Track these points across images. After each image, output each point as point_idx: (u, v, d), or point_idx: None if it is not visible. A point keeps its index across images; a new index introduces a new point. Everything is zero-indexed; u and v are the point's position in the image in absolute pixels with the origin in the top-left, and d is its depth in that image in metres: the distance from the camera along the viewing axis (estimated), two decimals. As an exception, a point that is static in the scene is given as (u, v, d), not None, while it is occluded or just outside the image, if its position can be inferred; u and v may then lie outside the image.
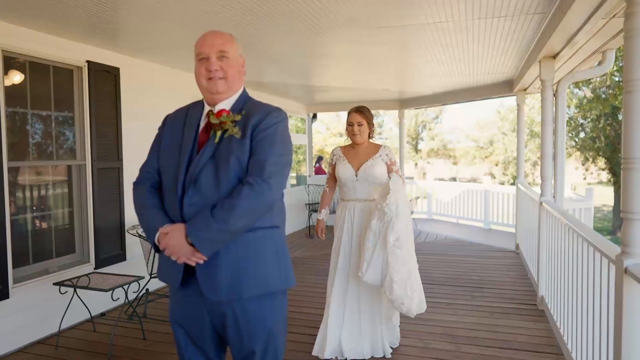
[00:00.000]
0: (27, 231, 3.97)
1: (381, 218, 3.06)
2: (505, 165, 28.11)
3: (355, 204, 3.42)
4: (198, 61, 1.83)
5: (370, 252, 3.07)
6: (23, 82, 3.90)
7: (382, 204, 3.04)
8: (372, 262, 3.04)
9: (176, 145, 1.84)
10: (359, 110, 3.42)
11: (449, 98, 8.12)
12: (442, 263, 6.28)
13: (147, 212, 1.80)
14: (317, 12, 3.40)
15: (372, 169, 3.36)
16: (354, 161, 3.42)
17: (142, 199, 1.85)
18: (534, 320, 4.11)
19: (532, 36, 4.20)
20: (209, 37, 1.84)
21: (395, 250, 3.00)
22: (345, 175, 3.39)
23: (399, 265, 2.98)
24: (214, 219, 1.64)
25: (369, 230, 3.11)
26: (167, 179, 1.83)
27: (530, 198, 5.47)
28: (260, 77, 6.24)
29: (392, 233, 3.01)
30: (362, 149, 3.45)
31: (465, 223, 10.22)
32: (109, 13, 3.39)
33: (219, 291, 1.74)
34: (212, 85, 1.81)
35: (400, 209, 3.02)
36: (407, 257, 3.04)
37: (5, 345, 3.58)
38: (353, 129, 3.41)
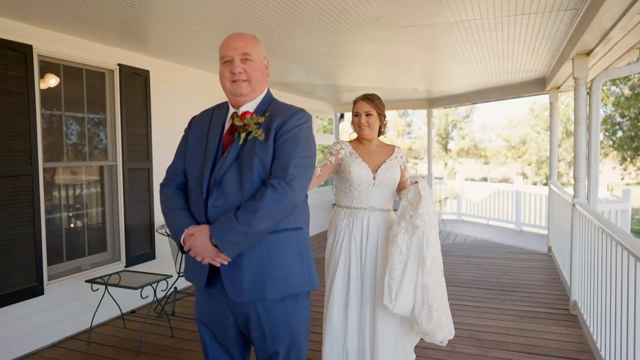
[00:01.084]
0: (61, 230, 4.11)
1: (409, 233, 2.48)
2: (538, 165, 27.40)
3: (370, 214, 2.74)
4: (222, 64, 1.85)
5: (399, 275, 2.46)
6: (58, 85, 4.03)
7: (412, 214, 2.47)
8: (403, 286, 2.43)
9: (201, 147, 1.86)
10: (367, 97, 2.80)
11: (479, 97, 7.97)
12: (471, 265, 6.17)
13: (173, 213, 1.82)
14: (342, 11, 3.38)
15: (392, 172, 2.78)
16: (369, 160, 2.79)
17: (169, 200, 1.87)
18: (566, 326, 3.99)
19: (564, 33, 4.07)
20: (232, 39, 1.85)
21: (433, 271, 2.45)
22: (360, 177, 2.71)
23: (438, 290, 2.45)
24: (238, 221, 1.66)
25: (394, 246, 2.49)
26: (192, 180, 1.85)
27: (562, 199, 5.31)
28: (285, 77, 6.27)
29: (429, 250, 2.44)
30: (374, 146, 2.86)
31: (496, 224, 10.01)
32: (139, 18, 3.47)
33: (243, 292, 1.76)
34: (235, 88, 1.83)
35: (433, 220, 2.48)
36: (441, 278, 2.54)
37: (40, 340, 3.71)
38: (360, 120, 2.78)
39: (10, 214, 3.48)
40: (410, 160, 30.83)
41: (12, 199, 3.49)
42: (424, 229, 2.44)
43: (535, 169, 27.60)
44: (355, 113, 2.82)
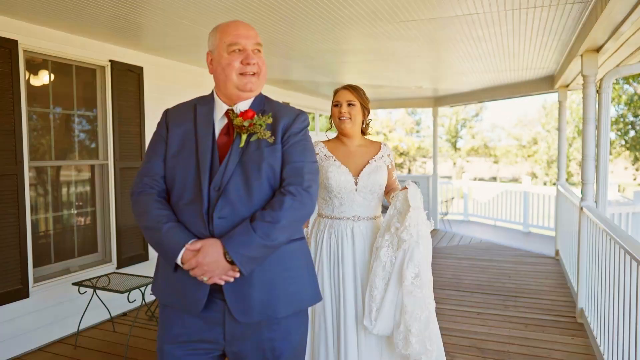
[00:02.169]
0: (49, 230, 4.00)
1: (394, 246, 2.18)
2: (548, 165, 27.01)
3: (354, 224, 2.38)
4: (229, 52, 1.59)
5: (381, 292, 2.18)
6: (46, 82, 3.92)
7: (398, 225, 2.18)
8: (384, 307, 2.16)
9: (190, 149, 1.60)
10: (350, 86, 2.45)
11: (486, 95, 7.77)
12: (475, 268, 5.99)
13: (162, 227, 1.53)
14: (338, 5, 3.23)
15: (376, 176, 2.39)
16: (349, 162, 2.41)
17: (151, 212, 1.56)
18: (572, 335, 3.81)
19: (572, 28, 3.88)
20: (244, 27, 1.63)
21: (414, 291, 2.13)
22: (340, 183, 2.36)
23: (418, 312, 2.13)
24: (257, 234, 1.48)
25: (377, 261, 2.20)
26: (184, 189, 1.58)
27: (570, 202, 5.12)
28: (287, 75, 6.13)
29: (410, 266, 2.12)
30: (355, 145, 2.47)
31: (503, 225, 9.81)
32: (130, 12, 3.35)
33: (252, 312, 1.55)
34: (246, 82, 1.60)
35: (422, 231, 2.16)
36: (427, 298, 2.18)
37: (25, 344, 3.61)
38: (340, 109, 2.41)
39: (-7, 215, 3.38)
40: (419, 158, 30.56)
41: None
42: (411, 243, 2.14)
43: (545, 169, 27.21)
44: (335, 103, 2.44)
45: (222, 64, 1.60)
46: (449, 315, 4.30)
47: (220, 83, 1.63)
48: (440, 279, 5.50)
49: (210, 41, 1.66)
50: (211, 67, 1.67)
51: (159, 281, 1.66)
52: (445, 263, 6.29)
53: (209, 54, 1.68)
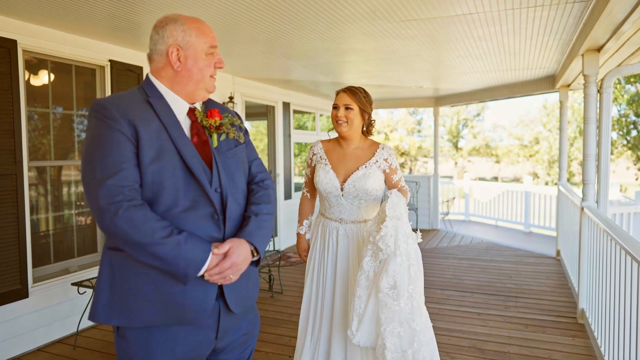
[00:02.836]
0: (48, 230, 4.00)
1: (376, 255, 2.15)
2: (550, 165, 26.94)
3: (339, 226, 2.46)
4: (208, 54, 1.58)
5: (363, 302, 2.14)
6: (45, 82, 3.92)
7: (375, 235, 2.15)
8: (366, 318, 2.11)
9: (171, 152, 1.48)
10: (349, 89, 2.45)
11: (487, 95, 7.75)
12: (475, 269, 5.97)
13: (177, 238, 1.41)
14: (336, 3, 3.22)
15: (363, 182, 2.38)
16: (340, 167, 2.45)
17: (155, 224, 1.40)
18: (573, 336, 3.79)
19: (573, 27, 3.86)
20: (210, 27, 1.63)
21: (389, 302, 2.05)
22: (326, 186, 2.42)
23: (393, 325, 2.04)
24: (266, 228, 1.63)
25: (360, 271, 2.17)
26: (177, 195, 1.48)
27: (571, 202, 5.10)
28: (286, 74, 6.12)
29: (385, 277, 2.07)
30: (352, 148, 2.49)
31: (505, 225, 9.79)
32: (128, 12, 3.34)
33: (243, 301, 1.63)
34: (213, 85, 1.63)
35: (400, 242, 2.11)
36: (407, 311, 2.07)
37: (24, 344, 3.61)
38: (337, 113, 2.42)
39: (-7, 215, 3.37)
40: (420, 158, 30.50)
41: (-5, 199, 3.39)
42: (388, 253, 2.11)
43: (546, 169, 27.15)
44: (334, 105, 2.47)
45: (199, 64, 1.56)
46: (449, 315, 4.29)
47: (189, 82, 1.56)
48: (441, 279, 5.49)
49: (178, 37, 1.53)
50: (179, 64, 1.54)
51: (134, 303, 1.46)
52: (445, 263, 6.28)
53: (178, 48, 1.53)
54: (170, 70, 1.56)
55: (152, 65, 1.60)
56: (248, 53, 4.74)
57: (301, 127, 8.60)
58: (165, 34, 1.54)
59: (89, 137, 1.46)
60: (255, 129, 8.01)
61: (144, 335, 1.49)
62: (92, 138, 1.44)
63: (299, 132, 8.12)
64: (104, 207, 1.37)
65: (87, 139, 1.46)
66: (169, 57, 1.54)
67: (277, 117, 7.32)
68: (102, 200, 1.37)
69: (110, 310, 1.47)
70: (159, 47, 1.55)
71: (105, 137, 1.42)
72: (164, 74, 1.57)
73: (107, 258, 1.50)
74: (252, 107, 6.96)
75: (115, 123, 1.42)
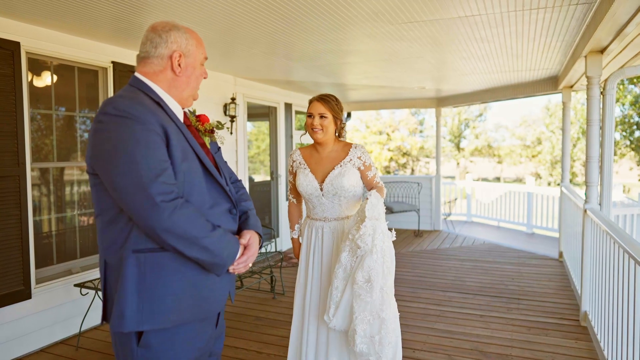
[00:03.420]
0: (51, 231, 4.01)
1: (354, 251, 2.35)
2: (552, 165, 26.88)
3: (324, 224, 2.65)
4: (201, 64, 1.69)
5: (340, 292, 2.38)
6: (48, 83, 3.93)
7: (354, 233, 2.34)
8: (342, 306, 2.36)
9: (191, 153, 1.57)
10: (322, 98, 2.61)
11: (489, 96, 7.73)
12: (477, 270, 5.96)
13: (218, 230, 1.53)
14: (338, 6, 3.22)
15: (340, 180, 2.56)
16: (318, 169, 2.64)
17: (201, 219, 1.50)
18: (576, 339, 3.78)
19: (576, 29, 3.85)
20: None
21: (362, 294, 2.28)
22: (307, 189, 2.62)
23: (365, 314, 2.29)
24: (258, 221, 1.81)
25: (338, 264, 2.39)
26: (203, 193, 1.57)
27: (574, 204, 5.08)
28: (288, 75, 6.12)
29: (360, 271, 2.28)
30: (327, 152, 2.66)
31: (507, 226, 9.77)
32: (130, 14, 3.35)
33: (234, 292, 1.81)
34: (197, 92, 1.77)
35: (377, 240, 2.31)
36: (378, 303, 2.31)
37: (27, 345, 3.61)
38: (313, 121, 2.59)
39: (-5, 216, 3.38)
40: (422, 159, 30.47)
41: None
42: (365, 250, 2.30)
43: (549, 169, 27.09)
44: (309, 114, 2.64)
45: (196, 73, 1.66)
46: (451, 317, 4.28)
47: (186, 87, 1.64)
48: (443, 281, 5.48)
49: (182, 44, 1.60)
50: (179, 69, 1.60)
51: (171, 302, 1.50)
52: (447, 264, 6.27)
53: (181, 55, 1.59)
54: (169, 75, 1.60)
55: (147, 68, 1.59)
56: (250, 54, 4.74)
57: (303, 127, 8.59)
58: (170, 38, 1.59)
59: (117, 139, 1.42)
60: (257, 130, 8.01)
61: (169, 335, 1.52)
62: (125, 140, 1.41)
63: (301, 132, 8.10)
64: (161, 204, 1.40)
65: (116, 141, 1.42)
66: (172, 61, 1.59)
67: (279, 118, 7.32)
68: (158, 198, 1.40)
69: (141, 315, 1.46)
70: (161, 50, 1.58)
71: (144, 138, 1.42)
72: (162, 77, 1.60)
73: (132, 261, 1.46)
74: (254, 108, 6.96)
75: (149, 124, 1.44)
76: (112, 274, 1.51)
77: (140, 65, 1.61)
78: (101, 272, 1.56)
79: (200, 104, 5.40)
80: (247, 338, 3.88)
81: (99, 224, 1.55)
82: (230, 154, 6.08)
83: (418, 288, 5.21)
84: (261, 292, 5.12)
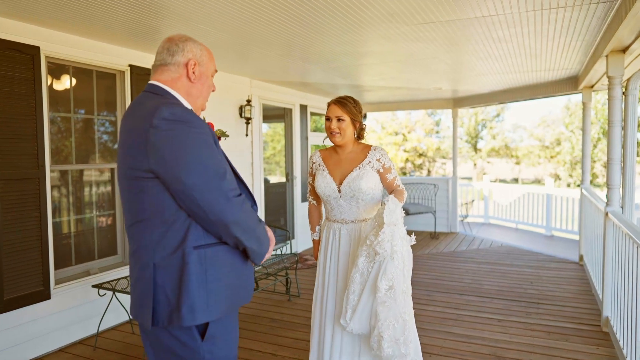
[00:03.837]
0: (69, 233, 4.07)
1: (371, 257, 2.35)
2: (572, 166, 26.41)
3: (341, 226, 2.64)
4: (212, 77, 1.80)
5: (356, 297, 2.38)
6: (67, 87, 3.99)
7: (372, 239, 2.33)
8: (358, 310, 2.37)
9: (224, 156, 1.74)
10: (339, 101, 2.58)
11: (507, 96, 7.62)
12: (495, 273, 5.88)
13: (263, 224, 1.76)
14: (354, 8, 3.20)
15: (358, 182, 2.54)
16: (336, 171, 2.63)
17: (255, 213, 1.72)
18: (597, 345, 3.70)
19: (597, 28, 3.77)
20: None
21: (387, 301, 2.30)
22: (325, 190, 2.61)
23: (390, 319, 2.31)
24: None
25: (355, 268, 2.39)
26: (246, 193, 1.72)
27: (595, 207, 4.97)
28: (304, 77, 6.12)
29: (384, 279, 2.29)
30: (346, 153, 2.65)
31: (525, 229, 9.62)
32: (147, 18, 3.38)
33: None
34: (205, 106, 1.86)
35: (397, 247, 2.31)
36: (401, 306, 2.33)
37: (45, 345, 3.67)
38: (330, 125, 2.58)
39: (16, 218, 3.44)
40: (439, 159, 30.20)
41: (19, 203, 3.45)
42: (385, 256, 2.29)
43: (569, 170, 26.62)
44: (327, 117, 2.62)
45: (208, 83, 1.75)
46: (468, 322, 4.22)
47: (199, 96, 1.74)
48: (460, 284, 5.41)
49: (197, 54, 1.70)
50: (194, 76, 1.69)
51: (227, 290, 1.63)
52: (464, 267, 6.20)
53: (195, 63, 1.69)
54: (185, 82, 1.69)
55: (165, 75, 1.67)
56: (265, 56, 4.75)
57: (319, 129, 8.58)
58: (186, 48, 1.68)
59: (183, 142, 1.51)
60: (272, 131, 8.03)
61: (223, 325, 1.65)
62: (191, 143, 1.52)
63: (317, 134, 8.11)
64: (233, 199, 1.57)
65: (182, 144, 1.51)
66: (187, 68, 1.67)
67: (294, 119, 7.33)
68: (230, 193, 1.56)
69: (207, 307, 1.57)
70: (178, 58, 1.67)
71: (205, 141, 1.56)
72: (179, 85, 1.69)
73: (194, 257, 1.55)
74: (270, 109, 6.98)
75: (204, 128, 1.58)
76: (164, 274, 1.55)
77: (157, 74, 1.68)
78: (146, 276, 1.56)
79: (216, 107, 5.43)
80: (261, 340, 3.89)
81: (143, 228, 1.57)
82: (246, 156, 6.10)
83: (434, 291, 5.16)
84: (276, 294, 5.12)
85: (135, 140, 1.54)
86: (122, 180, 1.63)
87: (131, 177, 1.56)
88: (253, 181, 6.22)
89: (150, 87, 1.67)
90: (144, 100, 1.63)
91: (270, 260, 4.94)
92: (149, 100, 1.60)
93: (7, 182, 3.37)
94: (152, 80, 1.68)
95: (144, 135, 1.50)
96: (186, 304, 1.53)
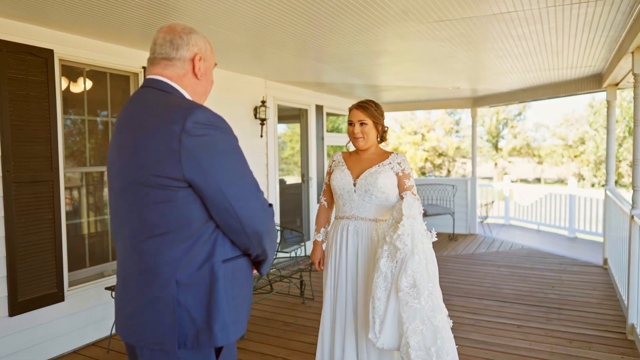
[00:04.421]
0: (83, 235, 4.08)
1: (392, 255, 2.18)
2: (596, 166, 25.77)
3: (349, 222, 2.59)
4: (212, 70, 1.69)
5: (384, 304, 2.17)
6: (81, 89, 4.00)
7: (392, 235, 2.19)
8: (388, 318, 2.13)
9: None
10: (360, 106, 2.61)
11: (528, 95, 7.44)
12: (515, 277, 5.72)
13: None
14: (366, 6, 3.12)
15: (375, 177, 2.52)
16: (355, 167, 2.64)
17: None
18: (622, 354, 3.55)
19: (622, 23, 3.62)
20: None
21: (410, 301, 2.10)
22: (340, 183, 2.60)
23: (416, 323, 2.09)
24: None
25: (377, 272, 2.21)
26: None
27: (620, 209, 4.79)
28: (319, 77, 6.06)
29: (404, 277, 2.11)
30: (367, 154, 2.67)
31: (547, 230, 9.39)
32: (159, 20, 3.37)
33: None
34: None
35: (417, 241, 2.16)
36: (428, 309, 2.12)
37: (59, 347, 3.69)
38: (354, 129, 2.60)
39: (30, 220, 3.46)
40: (458, 159, 29.82)
41: (33, 205, 3.47)
42: (405, 251, 2.16)
43: (593, 170, 25.98)
44: (349, 122, 2.65)
45: (209, 78, 1.62)
46: (487, 327, 4.10)
47: (204, 93, 1.62)
48: (478, 288, 5.28)
49: (202, 47, 1.56)
50: (200, 72, 1.55)
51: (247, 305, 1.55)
52: (483, 270, 6.05)
53: (201, 58, 1.55)
54: (192, 79, 1.54)
55: (170, 71, 1.49)
56: (279, 57, 4.70)
57: (335, 129, 8.52)
58: (191, 41, 1.53)
59: (217, 149, 1.38)
60: (291, 131, 7.99)
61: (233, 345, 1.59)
62: (226, 150, 1.41)
63: (332, 134, 8.04)
64: (268, 209, 1.52)
65: (217, 151, 1.38)
66: (194, 64, 1.52)
67: (310, 120, 7.27)
68: (265, 204, 1.51)
69: (238, 324, 1.49)
70: (183, 52, 1.51)
71: (238, 148, 1.47)
72: (186, 82, 1.53)
73: (221, 272, 1.42)
74: (285, 110, 6.93)
75: (233, 134, 1.47)
76: (187, 293, 1.39)
77: (158, 67, 1.50)
78: (166, 296, 1.38)
79: (230, 108, 5.41)
80: (274, 344, 3.84)
81: (162, 243, 1.39)
82: (261, 157, 6.07)
83: (452, 295, 5.04)
84: (290, 297, 5.07)
85: (159, 144, 1.34)
86: (125, 188, 1.43)
87: (152, 186, 1.36)
88: (268, 183, 6.18)
89: (153, 82, 1.49)
90: (149, 96, 1.46)
91: (285, 262, 4.90)
92: (159, 97, 1.43)
93: (21, 184, 3.39)
94: (155, 75, 1.50)
95: (173, 139, 1.32)
96: (218, 323, 1.40)
